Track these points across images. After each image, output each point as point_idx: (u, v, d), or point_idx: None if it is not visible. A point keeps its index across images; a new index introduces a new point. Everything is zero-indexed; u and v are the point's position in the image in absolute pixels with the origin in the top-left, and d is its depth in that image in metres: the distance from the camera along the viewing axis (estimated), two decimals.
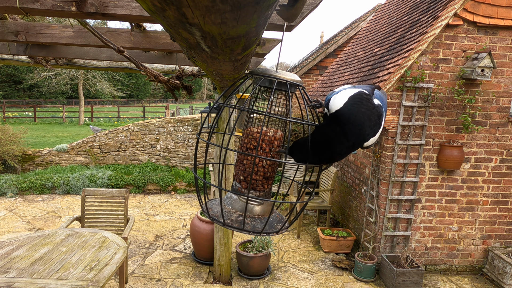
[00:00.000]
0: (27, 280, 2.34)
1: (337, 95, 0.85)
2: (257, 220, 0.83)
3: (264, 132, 0.85)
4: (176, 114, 18.88)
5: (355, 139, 0.81)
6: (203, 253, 4.21)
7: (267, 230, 0.81)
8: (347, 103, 0.82)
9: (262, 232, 0.79)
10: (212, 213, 0.84)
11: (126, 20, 1.73)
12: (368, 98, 0.84)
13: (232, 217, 0.82)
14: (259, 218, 0.84)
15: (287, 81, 0.79)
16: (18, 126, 10.17)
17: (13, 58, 3.56)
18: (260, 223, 0.82)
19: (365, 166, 4.67)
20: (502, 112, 4.05)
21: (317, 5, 1.34)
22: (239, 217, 0.82)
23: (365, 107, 0.82)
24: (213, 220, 0.83)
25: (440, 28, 3.77)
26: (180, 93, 3.28)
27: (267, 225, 0.82)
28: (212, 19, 0.48)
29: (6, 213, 5.85)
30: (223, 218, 0.80)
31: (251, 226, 0.81)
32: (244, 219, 0.79)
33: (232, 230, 0.81)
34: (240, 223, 0.80)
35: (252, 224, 0.82)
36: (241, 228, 0.79)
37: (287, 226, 0.86)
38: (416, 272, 3.76)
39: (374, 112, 0.83)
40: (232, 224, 0.81)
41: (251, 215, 0.84)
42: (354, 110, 0.81)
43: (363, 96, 0.84)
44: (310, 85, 8.79)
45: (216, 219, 0.82)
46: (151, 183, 7.38)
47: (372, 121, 0.83)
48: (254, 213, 0.85)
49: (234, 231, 0.88)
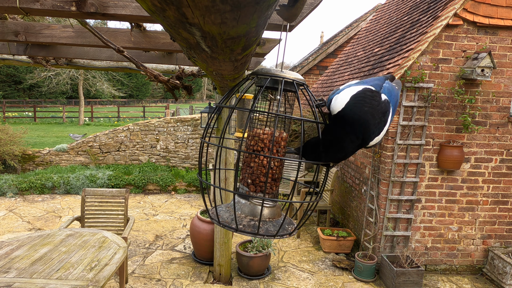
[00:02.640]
0: (27, 280, 2.34)
1: (338, 94, 0.84)
2: (268, 223, 0.82)
3: (270, 133, 0.84)
4: (176, 114, 18.88)
5: (363, 137, 0.82)
6: (203, 253, 4.21)
7: (280, 232, 0.80)
8: (349, 102, 0.81)
9: (277, 235, 0.78)
10: (222, 220, 0.82)
11: (126, 20, 1.73)
12: (372, 96, 0.83)
13: (244, 222, 0.81)
14: (270, 221, 0.83)
15: (294, 80, 0.79)
16: (18, 126, 10.17)
17: (13, 58, 3.56)
18: (272, 226, 0.81)
19: (365, 166, 4.67)
20: (502, 112, 4.05)
21: (317, 5, 1.34)
22: (250, 222, 0.80)
23: (369, 105, 0.81)
24: (224, 227, 0.80)
25: (440, 28, 3.77)
26: (180, 93, 3.28)
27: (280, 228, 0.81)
28: (212, 19, 0.48)
29: (6, 213, 5.85)
30: (236, 223, 0.78)
31: (264, 230, 0.79)
32: (259, 223, 0.77)
33: (246, 235, 0.80)
34: (253, 228, 0.78)
35: (265, 228, 0.80)
36: (255, 232, 0.77)
37: (298, 228, 0.85)
38: (416, 272, 3.76)
39: (378, 109, 0.82)
40: (245, 229, 0.79)
41: (263, 219, 0.83)
42: (356, 109, 0.81)
43: (366, 93, 0.83)
44: (310, 85, 8.80)
45: (227, 225, 0.80)
46: (151, 183, 7.38)
47: (376, 119, 0.82)
48: (264, 216, 0.83)
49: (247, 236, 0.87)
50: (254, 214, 0.82)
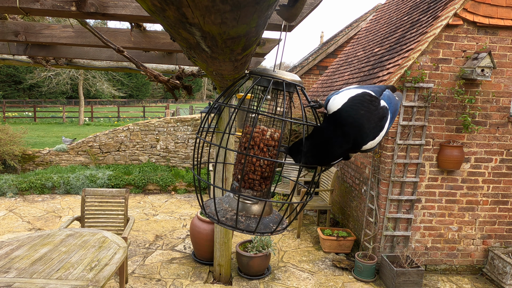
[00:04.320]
0: (27, 280, 2.34)
1: (337, 95, 0.83)
2: (252, 219, 0.84)
3: (261, 132, 0.85)
4: (176, 114, 18.88)
5: (353, 141, 0.79)
6: (203, 253, 4.21)
7: (261, 229, 0.81)
8: (346, 104, 0.80)
9: (256, 232, 0.80)
10: (209, 211, 0.85)
11: (126, 20, 1.73)
12: (371, 100, 0.82)
13: (228, 215, 0.83)
14: (255, 217, 0.84)
15: (284, 80, 0.79)
16: (18, 126, 10.17)
17: (13, 58, 3.56)
18: (255, 223, 0.82)
19: (365, 166, 4.67)
20: (502, 112, 4.05)
21: (317, 5, 1.34)
22: (234, 216, 0.83)
23: (365, 108, 0.80)
24: (209, 217, 0.84)
25: (440, 28, 3.77)
26: (180, 93, 3.28)
27: (262, 225, 0.82)
28: (212, 19, 0.48)
29: (6, 213, 5.85)
30: (217, 215, 0.81)
31: (245, 225, 0.81)
32: (236, 217, 0.79)
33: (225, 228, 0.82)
34: (234, 222, 0.81)
35: (247, 223, 0.82)
36: (234, 226, 0.80)
37: (284, 227, 0.86)
38: (416, 272, 3.76)
39: (375, 114, 0.81)
40: (226, 222, 0.82)
41: (247, 214, 0.84)
42: (352, 111, 0.79)
43: (365, 97, 0.81)
44: (310, 85, 8.80)
45: (212, 216, 0.83)
46: (151, 183, 7.38)
47: (372, 124, 0.80)
48: (250, 212, 0.85)
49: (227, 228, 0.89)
50: (241, 209, 0.84)
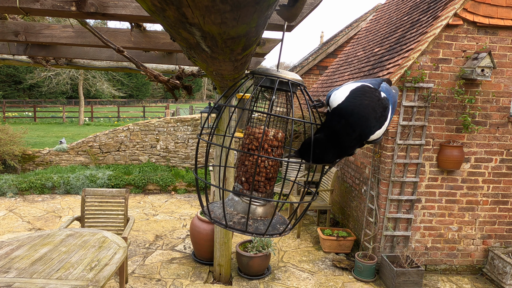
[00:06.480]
0: (27, 280, 2.34)
1: (337, 90, 0.84)
2: (259, 221, 0.82)
3: (265, 133, 0.84)
4: (176, 114, 18.88)
5: (360, 130, 0.79)
6: (203, 253, 4.21)
7: (270, 232, 0.80)
8: (348, 96, 0.80)
9: (265, 234, 0.78)
10: (214, 216, 0.83)
11: (126, 20, 1.73)
12: (372, 90, 0.82)
13: (235, 219, 0.81)
14: (261, 219, 0.83)
15: (289, 80, 0.79)
16: (18, 126, 10.17)
17: (13, 58, 3.56)
18: (263, 225, 0.81)
19: (365, 166, 4.67)
20: (502, 112, 4.05)
21: (317, 5, 1.34)
22: (241, 219, 0.81)
23: (369, 98, 0.80)
24: (215, 222, 0.81)
25: (440, 28, 3.77)
26: (180, 93, 3.28)
27: (270, 227, 0.81)
28: (212, 19, 0.48)
29: (6, 213, 5.85)
30: (226, 220, 0.79)
31: (254, 228, 0.80)
32: (247, 221, 0.78)
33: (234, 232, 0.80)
34: (242, 225, 0.79)
35: (255, 226, 0.81)
36: (244, 230, 0.78)
37: (290, 228, 0.85)
38: (416, 272, 3.76)
39: (379, 103, 0.81)
40: (234, 226, 0.79)
41: (254, 217, 0.83)
42: (356, 102, 0.79)
43: (365, 88, 0.82)
44: (310, 85, 8.79)
45: (218, 221, 0.81)
46: (151, 183, 7.38)
47: (378, 113, 0.80)
48: (256, 214, 0.84)
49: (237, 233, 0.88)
50: (245, 212, 0.82)
